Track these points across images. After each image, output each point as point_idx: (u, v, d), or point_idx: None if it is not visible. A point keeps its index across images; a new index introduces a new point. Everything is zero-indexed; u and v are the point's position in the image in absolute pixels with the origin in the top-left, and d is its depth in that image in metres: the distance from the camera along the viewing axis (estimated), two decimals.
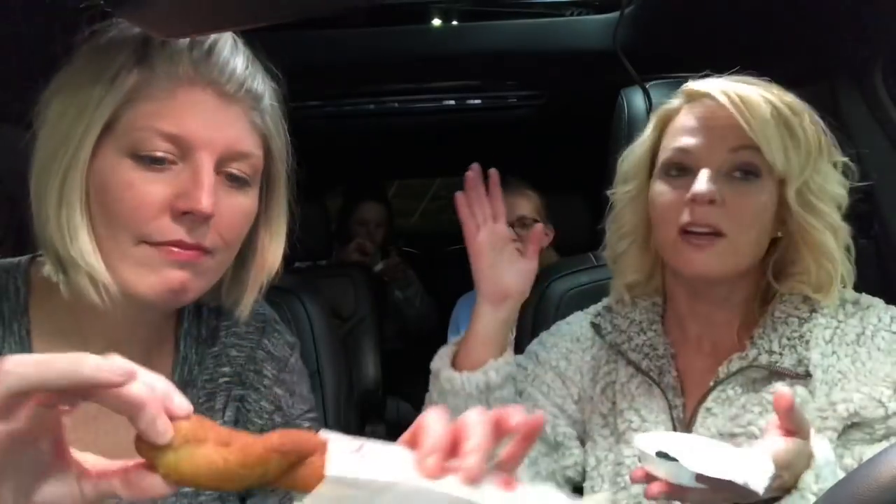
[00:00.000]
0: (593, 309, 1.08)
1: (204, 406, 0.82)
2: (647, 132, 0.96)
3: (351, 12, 1.71)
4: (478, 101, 2.82)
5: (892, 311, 0.89)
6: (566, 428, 0.99)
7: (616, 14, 1.54)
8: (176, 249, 0.68)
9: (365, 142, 3.23)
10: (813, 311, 0.88)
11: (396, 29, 1.72)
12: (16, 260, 0.78)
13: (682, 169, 0.89)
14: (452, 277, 3.09)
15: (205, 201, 0.67)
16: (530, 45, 1.69)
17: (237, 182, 0.72)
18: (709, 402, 0.88)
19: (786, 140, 0.84)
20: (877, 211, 1.30)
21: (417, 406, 0.87)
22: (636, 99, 1.27)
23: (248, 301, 0.81)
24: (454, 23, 1.78)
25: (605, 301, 1.06)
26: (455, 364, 0.98)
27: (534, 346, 1.08)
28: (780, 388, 0.84)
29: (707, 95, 0.88)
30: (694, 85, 0.91)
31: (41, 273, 0.74)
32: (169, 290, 0.69)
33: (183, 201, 0.67)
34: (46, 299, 0.74)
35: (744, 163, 0.85)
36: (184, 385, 0.81)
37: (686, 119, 0.90)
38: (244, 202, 0.73)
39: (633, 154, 0.97)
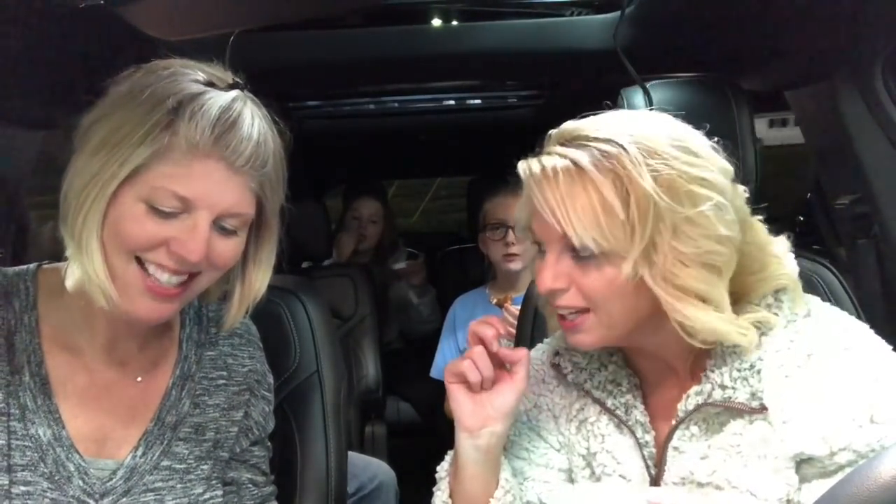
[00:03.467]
0: (548, 346, 1.03)
1: (199, 398, 0.96)
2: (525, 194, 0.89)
3: (351, 12, 1.71)
4: (478, 101, 2.82)
5: (843, 321, 0.84)
6: (557, 483, 0.96)
7: (616, 14, 1.54)
8: (160, 282, 0.82)
9: (365, 142, 3.23)
10: (763, 334, 0.82)
11: (396, 29, 1.72)
12: (25, 267, 0.92)
13: (541, 248, 0.86)
14: (452, 277, 3.11)
15: (195, 255, 0.81)
16: (530, 45, 1.69)
17: (227, 232, 0.85)
18: (675, 441, 0.86)
19: (598, 217, 0.77)
20: (877, 211, 1.30)
21: (417, 406, 0.87)
22: (636, 99, 1.27)
23: (235, 317, 0.95)
24: (454, 23, 1.78)
25: (557, 337, 1.00)
26: None
27: None
28: (741, 426, 0.82)
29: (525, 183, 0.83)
30: (520, 166, 0.85)
31: (48, 276, 0.91)
32: (144, 315, 0.84)
33: (178, 246, 0.81)
34: (54, 297, 0.89)
35: (573, 248, 0.81)
36: (184, 379, 0.96)
37: (532, 196, 0.85)
38: (231, 244, 0.86)
39: (520, 219, 0.92)
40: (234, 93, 0.85)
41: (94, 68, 0.91)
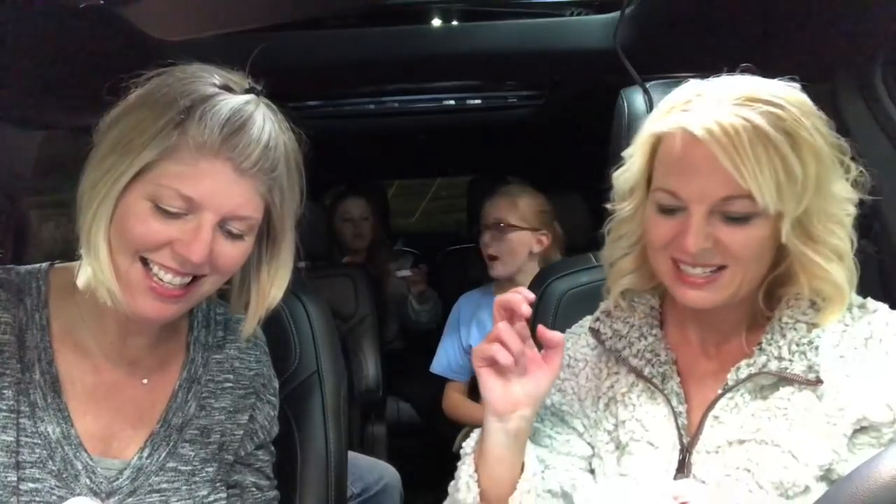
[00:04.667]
0: (577, 329, 1.05)
1: (205, 400, 0.97)
2: (637, 151, 0.90)
3: (351, 12, 1.72)
4: (478, 101, 2.83)
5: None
6: (579, 472, 0.96)
7: (616, 14, 1.54)
8: (163, 282, 0.83)
9: (365, 142, 3.24)
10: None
11: (396, 29, 1.72)
12: (37, 265, 0.93)
13: (673, 209, 0.85)
14: (452, 277, 3.11)
15: (197, 256, 0.81)
16: (530, 45, 1.69)
17: (233, 236, 0.85)
18: (717, 411, 0.87)
19: (779, 178, 0.78)
20: (877, 211, 1.30)
21: (417, 406, 0.87)
22: (636, 99, 1.27)
23: (249, 326, 0.95)
24: (454, 23, 1.78)
25: (600, 307, 1.02)
26: (483, 496, 0.90)
27: None
28: (789, 393, 0.84)
29: (693, 133, 0.80)
30: (687, 123, 0.81)
31: (60, 275, 0.91)
32: (148, 314, 0.84)
33: (181, 247, 0.81)
34: (65, 296, 0.90)
35: (736, 211, 0.81)
36: (190, 382, 0.96)
37: (676, 152, 0.83)
38: (237, 249, 0.86)
39: (627, 174, 0.92)
40: (248, 97, 0.85)
41: (95, 68, 0.91)
